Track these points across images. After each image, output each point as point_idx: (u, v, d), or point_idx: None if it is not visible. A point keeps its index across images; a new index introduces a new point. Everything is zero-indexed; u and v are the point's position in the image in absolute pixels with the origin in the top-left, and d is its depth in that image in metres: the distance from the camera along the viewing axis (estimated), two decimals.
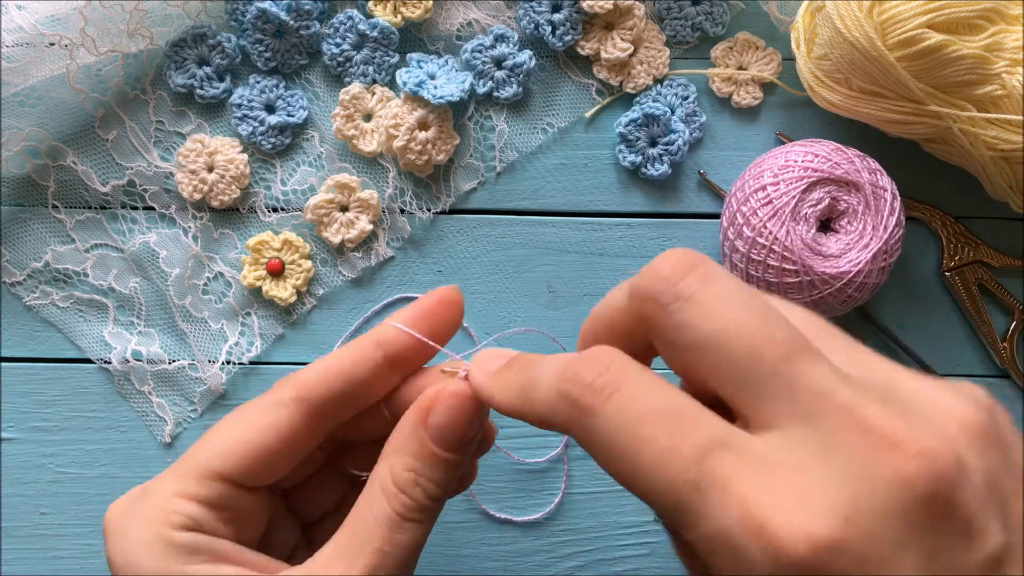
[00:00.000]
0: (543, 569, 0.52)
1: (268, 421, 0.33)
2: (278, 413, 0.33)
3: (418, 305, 0.36)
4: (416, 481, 0.32)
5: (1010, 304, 0.54)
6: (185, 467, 0.33)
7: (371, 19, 0.53)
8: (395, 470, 0.32)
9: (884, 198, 0.48)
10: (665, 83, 0.55)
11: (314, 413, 0.34)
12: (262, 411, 0.33)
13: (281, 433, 0.33)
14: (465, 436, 0.33)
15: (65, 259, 0.53)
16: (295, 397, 0.33)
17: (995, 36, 0.45)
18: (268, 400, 0.34)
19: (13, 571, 0.52)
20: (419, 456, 0.32)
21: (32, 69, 0.49)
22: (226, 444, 0.33)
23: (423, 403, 0.33)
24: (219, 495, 0.32)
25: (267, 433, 0.33)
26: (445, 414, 0.33)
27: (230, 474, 0.33)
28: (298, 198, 0.54)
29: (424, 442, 0.32)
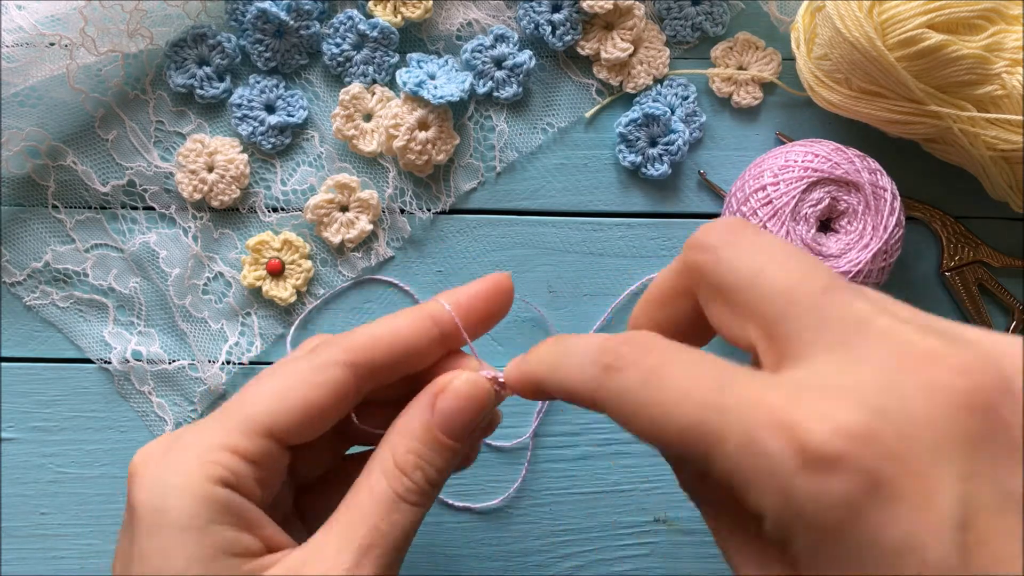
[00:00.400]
0: (543, 569, 0.52)
1: (321, 379, 0.33)
2: (331, 372, 0.33)
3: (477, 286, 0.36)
4: (417, 464, 0.32)
5: (1010, 304, 0.54)
6: (232, 419, 0.32)
7: (371, 19, 0.53)
8: (397, 451, 0.33)
9: (884, 198, 0.48)
10: (665, 83, 0.55)
11: (364, 375, 0.34)
12: (313, 369, 0.33)
13: (331, 393, 0.33)
14: (470, 425, 0.33)
15: (65, 259, 0.53)
16: (346, 360, 0.33)
17: (995, 36, 0.45)
18: (320, 359, 0.33)
19: (13, 571, 0.52)
20: (423, 440, 0.33)
21: (32, 69, 0.49)
22: (277, 400, 0.32)
23: (434, 388, 0.34)
24: (264, 452, 0.32)
25: (317, 392, 0.33)
26: (453, 401, 0.33)
27: (280, 431, 0.32)
28: (298, 198, 0.54)
29: (429, 427, 0.33)
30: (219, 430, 0.32)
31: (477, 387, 0.34)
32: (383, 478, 0.32)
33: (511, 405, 0.50)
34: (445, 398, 0.33)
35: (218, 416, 0.33)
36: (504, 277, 0.37)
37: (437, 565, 0.53)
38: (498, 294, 0.36)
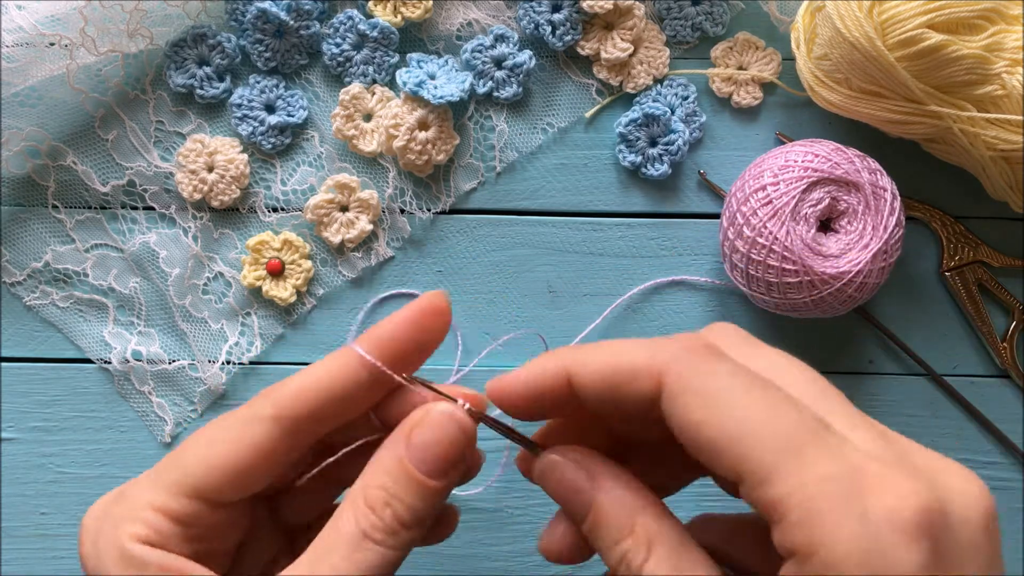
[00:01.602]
0: (543, 569, 0.52)
1: (243, 436, 0.32)
2: (254, 429, 0.32)
3: (401, 317, 0.33)
4: (387, 501, 0.31)
5: (1010, 304, 0.54)
6: (160, 478, 0.32)
7: (371, 19, 0.53)
8: (368, 487, 0.31)
9: (884, 198, 0.48)
10: (665, 83, 0.55)
11: (292, 429, 0.32)
12: (238, 426, 0.32)
13: (257, 450, 0.32)
14: (446, 460, 0.31)
15: (65, 259, 0.53)
16: (272, 414, 0.32)
17: (995, 36, 0.45)
18: (245, 414, 0.32)
19: (13, 571, 0.52)
20: (394, 476, 0.31)
21: (32, 69, 0.49)
22: (200, 459, 0.32)
23: (409, 422, 0.32)
24: (187, 511, 0.32)
25: (242, 449, 0.32)
26: (428, 434, 0.31)
27: (201, 490, 0.32)
28: (298, 198, 0.54)
29: (402, 461, 0.31)
30: (150, 488, 0.32)
31: (454, 419, 0.32)
32: (350, 515, 0.31)
33: None
34: (420, 432, 0.31)
35: (153, 472, 0.33)
36: (432, 297, 0.34)
37: (437, 565, 0.53)
38: (425, 317, 0.34)
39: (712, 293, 0.54)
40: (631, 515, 0.29)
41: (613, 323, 0.54)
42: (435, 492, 0.31)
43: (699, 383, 0.27)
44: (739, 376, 0.27)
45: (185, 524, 0.32)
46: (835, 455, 0.25)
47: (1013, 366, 0.53)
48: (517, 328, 0.54)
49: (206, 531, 0.32)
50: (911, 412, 0.54)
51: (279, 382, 0.33)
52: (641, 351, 0.29)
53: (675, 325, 0.54)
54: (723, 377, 0.27)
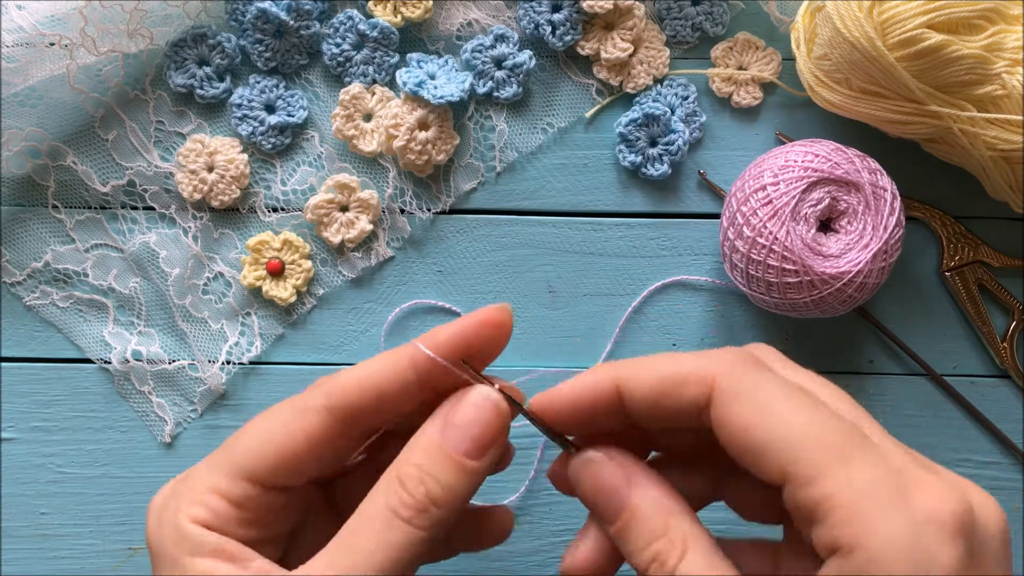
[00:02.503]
0: (543, 569, 0.52)
1: (297, 425, 0.33)
2: (308, 418, 0.33)
3: (462, 324, 0.34)
4: (421, 479, 0.31)
5: (1010, 304, 0.54)
6: (218, 462, 0.33)
7: (371, 19, 0.53)
8: (403, 464, 0.32)
9: (884, 198, 0.48)
10: (665, 83, 0.55)
11: (344, 420, 0.33)
12: (293, 414, 0.33)
13: (310, 438, 0.33)
14: (482, 440, 0.32)
15: (65, 259, 0.53)
16: (324, 404, 0.33)
17: (995, 36, 0.45)
18: (299, 403, 0.33)
19: (13, 571, 0.52)
20: (429, 453, 0.32)
21: (32, 69, 0.49)
22: (255, 444, 0.33)
23: (447, 404, 0.33)
24: (244, 494, 0.32)
25: (296, 437, 0.33)
26: (466, 413, 0.32)
27: (257, 475, 0.33)
28: (298, 198, 0.54)
29: (437, 441, 0.32)
30: (209, 471, 0.33)
31: (490, 400, 0.32)
32: (380, 493, 0.31)
33: None
34: (456, 411, 0.32)
35: (214, 455, 0.34)
36: (497, 310, 0.35)
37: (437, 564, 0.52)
38: (486, 329, 0.34)
39: (712, 293, 0.54)
40: (666, 516, 0.30)
41: (613, 325, 0.54)
42: (469, 472, 0.32)
43: (750, 389, 0.29)
44: (787, 386, 0.29)
45: (242, 507, 0.32)
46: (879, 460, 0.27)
47: (1013, 366, 0.53)
48: (518, 328, 0.54)
49: (262, 515, 0.33)
50: (911, 412, 0.54)
51: (334, 373, 0.34)
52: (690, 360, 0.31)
53: (675, 325, 0.54)
54: (772, 385, 0.29)
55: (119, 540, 0.53)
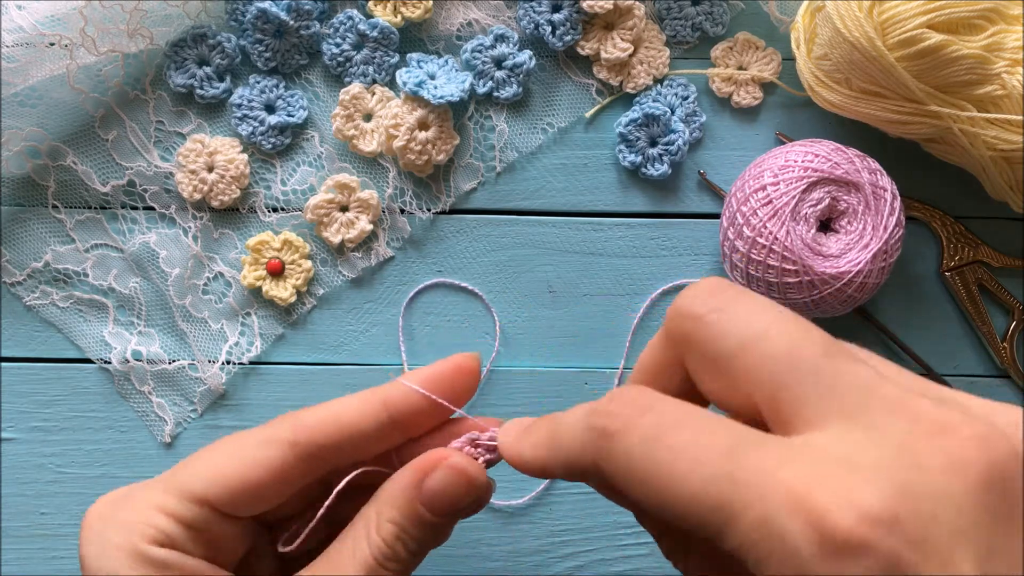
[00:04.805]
0: (543, 569, 0.52)
1: (259, 456, 0.33)
2: (271, 450, 0.33)
3: (434, 369, 0.35)
4: (398, 536, 0.32)
5: (1010, 304, 0.54)
6: (171, 483, 0.33)
7: (371, 19, 0.53)
8: (381, 519, 0.33)
9: (884, 198, 0.48)
10: (665, 83, 0.55)
11: (307, 457, 0.33)
12: (256, 444, 0.33)
13: (270, 470, 0.33)
14: (456, 507, 0.33)
15: (65, 259, 0.53)
16: (291, 439, 0.33)
17: (995, 36, 0.45)
18: (265, 434, 0.33)
19: (13, 571, 0.52)
20: (406, 514, 0.33)
21: (32, 69, 0.49)
22: (213, 469, 0.33)
23: (423, 463, 0.33)
24: (198, 518, 0.32)
25: (256, 468, 0.33)
26: (442, 483, 0.33)
27: (212, 500, 0.32)
28: (298, 198, 0.54)
29: (414, 503, 0.33)
30: (159, 492, 0.33)
31: (468, 473, 0.33)
32: (364, 541, 0.33)
33: None
34: (434, 479, 0.33)
35: (165, 476, 0.33)
36: (467, 359, 0.35)
37: (437, 565, 0.52)
38: (459, 376, 0.35)
39: None
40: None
41: (613, 325, 0.54)
42: (443, 528, 0.34)
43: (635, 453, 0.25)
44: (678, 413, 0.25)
45: (194, 530, 0.32)
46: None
47: (1013, 366, 0.53)
48: (517, 328, 0.54)
49: (213, 541, 0.33)
50: None
51: (303, 409, 0.34)
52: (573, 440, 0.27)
53: None
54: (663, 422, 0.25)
55: None
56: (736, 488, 0.21)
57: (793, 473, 0.21)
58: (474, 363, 0.35)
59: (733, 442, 0.23)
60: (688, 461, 0.23)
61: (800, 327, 0.24)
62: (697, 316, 0.26)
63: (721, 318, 0.25)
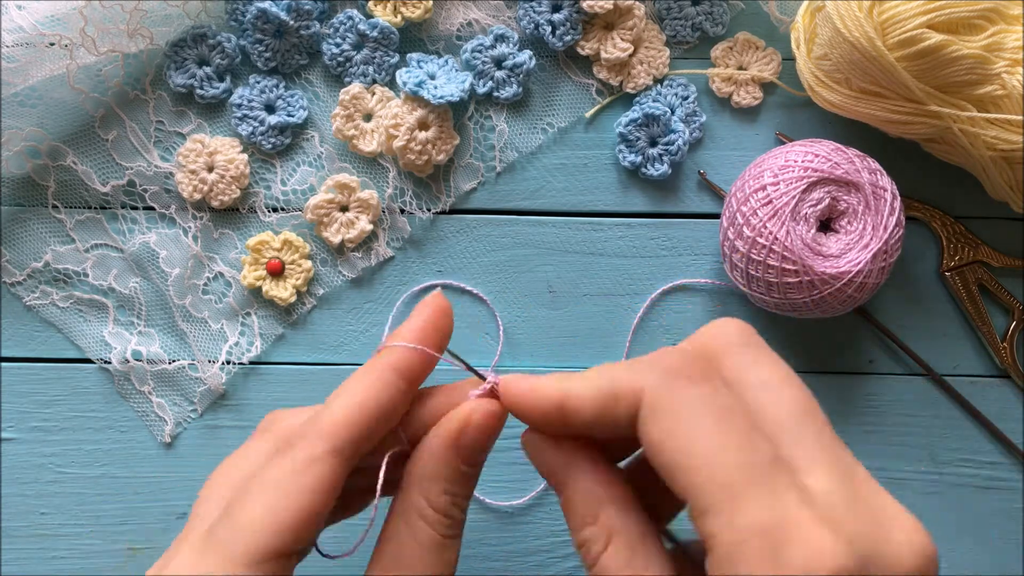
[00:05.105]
0: (543, 569, 0.52)
1: (308, 482, 0.31)
2: (319, 470, 0.31)
3: (420, 318, 0.35)
4: (454, 502, 0.33)
5: (1010, 304, 0.54)
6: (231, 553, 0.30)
7: (371, 19, 0.53)
8: (432, 496, 0.33)
9: (884, 198, 0.48)
10: (665, 83, 0.55)
11: (350, 456, 0.32)
12: (299, 473, 0.31)
13: (324, 490, 0.31)
14: (488, 450, 0.34)
15: (65, 259, 0.53)
16: (330, 449, 0.31)
17: (995, 36, 0.45)
18: (302, 458, 0.31)
19: (13, 571, 0.52)
20: (453, 479, 0.33)
21: (32, 69, 0.49)
22: (273, 516, 0.30)
23: (452, 427, 0.33)
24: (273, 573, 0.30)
25: (311, 495, 0.31)
26: (477, 437, 0.33)
27: (285, 548, 0.30)
28: (298, 198, 0.54)
29: (457, 465, 0.33)
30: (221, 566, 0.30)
31: (495, 417, 0.34)
32: (425, 525, 0.33)
33: None
34: (468, 435, 0.33)
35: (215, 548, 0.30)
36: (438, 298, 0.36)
37: None
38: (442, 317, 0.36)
39: (712, 294, 0.54)
40: (596, 506, 0.30)
41: (613, 325, 0.54)
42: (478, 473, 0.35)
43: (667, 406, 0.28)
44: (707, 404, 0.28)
45: None
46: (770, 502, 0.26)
47: (1013, 366, 0.53)
48: (518, 328, 0.54)
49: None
50: (911, 412, 0.54)
51: (318, 413, 0.33)
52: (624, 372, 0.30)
53: (675, 325, 0.54)
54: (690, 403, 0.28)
55: (119, 540, 0.53)
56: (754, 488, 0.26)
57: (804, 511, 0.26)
58: (444, 301, 0.36)
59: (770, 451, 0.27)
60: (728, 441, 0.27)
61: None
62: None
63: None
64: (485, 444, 0.34)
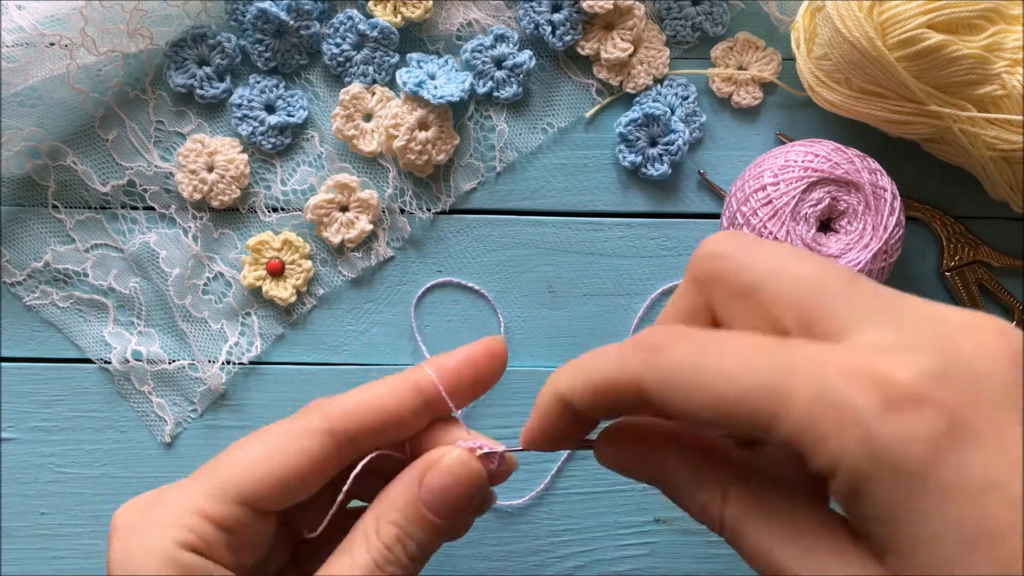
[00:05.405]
0: (543, 569, 0.52)
1: (297, 447, 0.32)
2: (309, 441, 0.32)
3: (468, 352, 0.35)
4: (399, 538, 0.32)
5: (1010, 304, 0.54)
6: (208, 482, 0.32)
7: (371, 19, 0.53)
8: (381, 522, 0.32)
9: (884, 198, 0.48)
10: (665, 83, 0.55)
11: (344, 444, 0.33)
12: (292, 436, 0.33)
13: (310, 461, 0.32)
14: (458, 505, 0.33)
15: (65, 259, 0.53)
16: (327, 428, 0.33)
17: (995, 36, 0.45)
18: (299, 425, 0.33)
19: (13, 571, 0.52)
20: (406, 515, 0.32)
21: (32, 69, 0.49)
22: (252, 466, 0.32)
23: (423, 463, 0.33)
24: (236, 517, 0.32)
25: (296, 459, 0.32)
26: (442, 480, 0.32)
27: (253, 498, 0.32)
28: (298, 198, 0.54)
29: (415, 502, 0.32)
30: (195, 493, 0.32)
31: (468, 468, 0.33)
32: (364, 549, 0.32)
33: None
34: (434, 476, 0.32)
35: (197, 477, 0.32)
36: (495, 341, 0.35)
37: (436, 565, 0.52)
38: (488, 359, 0.35)
39: None
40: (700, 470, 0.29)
41: (613, 325, 0.54)
42: (445, 530, 0.33)
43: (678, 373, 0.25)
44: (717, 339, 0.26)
45: (229, 531, 0.32)
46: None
47: None
48: (518, 328, 0.54)
49: (247, 540, 0.33)
50: None
51: (333, 397, 0.34)
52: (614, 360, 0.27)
53: None
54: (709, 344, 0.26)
55: None
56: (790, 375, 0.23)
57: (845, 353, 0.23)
58: (501, 346, 0.35)
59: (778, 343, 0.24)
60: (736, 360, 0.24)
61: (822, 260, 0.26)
62: (723, 254, 0.27)
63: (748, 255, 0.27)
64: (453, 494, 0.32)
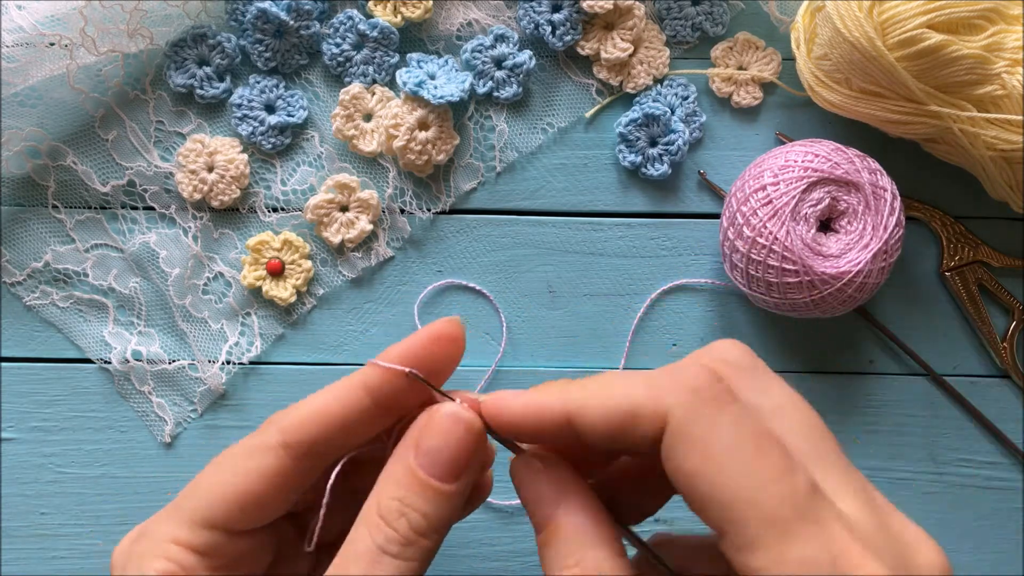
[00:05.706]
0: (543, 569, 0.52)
1: (252, 465, 0.32)
2: (263, 458, 0.32)
3: (411, 341, 0.33)
4: (401, 511, 0.30)
5: (1010, 304, 0.54)
6: (178, 512, 0.32)
7: (371, 19, 0.53)
8: (382, 499, 0.31)
9: (884, 198, 0.48)
10: (665, 83, 0.55)
11: (302, 456, 0.32)
12: (248, 455, 0.32)
13: (268, 477, 0.32)
14: (458, 462, 0.31)
15: (65, 259, 0.53)
16: (280, 441, 0.32)
17: (995, 36, 0.45)
18: (254, 443, 0.32)
19: (13, 571, 0.52)
20: (405, 484, 0.30)
21: (32, 69, 0.49)
22: (213, 490, 0.32)
23: (415, 429, 0.31)
24: (209, 543, 0.32)
25: (252, 478, 0.32)
26: (437, 437, 0.31)
27: (216, 521, 0.32)
28: (298, 198, 0.54)
29: (412, 469, 0.30)
30: (169, 522, 0.32)
31: (460, 419, 0.31)
32: (364, 531, 0.30)
33: None
34: (427, 436, 0.31)
35: (172, 504, 0.33)
36: (447, 324, 0.33)
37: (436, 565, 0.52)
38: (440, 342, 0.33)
39: (712, 294, 0.54)
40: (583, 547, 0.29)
41: (613, 325, 0.54)
42: (450, 496, 0.31)
43: (699, 433, 0.27)
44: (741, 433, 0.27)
45: (206, 555, 0.32)
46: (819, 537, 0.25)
47: (1013, 366, 0.53)
48: (518, 328, 0.54)
49: (230, 560, 0.32)
50: (911, 412, 0.54)
51: (288, 408, 0.33)
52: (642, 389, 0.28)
53: (675, 325, 0.54)
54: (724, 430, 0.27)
55: (119, 540, 0.52)
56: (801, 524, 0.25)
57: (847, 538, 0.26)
58: (455, 328, 0.33)
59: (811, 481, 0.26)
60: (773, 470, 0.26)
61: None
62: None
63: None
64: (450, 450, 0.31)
